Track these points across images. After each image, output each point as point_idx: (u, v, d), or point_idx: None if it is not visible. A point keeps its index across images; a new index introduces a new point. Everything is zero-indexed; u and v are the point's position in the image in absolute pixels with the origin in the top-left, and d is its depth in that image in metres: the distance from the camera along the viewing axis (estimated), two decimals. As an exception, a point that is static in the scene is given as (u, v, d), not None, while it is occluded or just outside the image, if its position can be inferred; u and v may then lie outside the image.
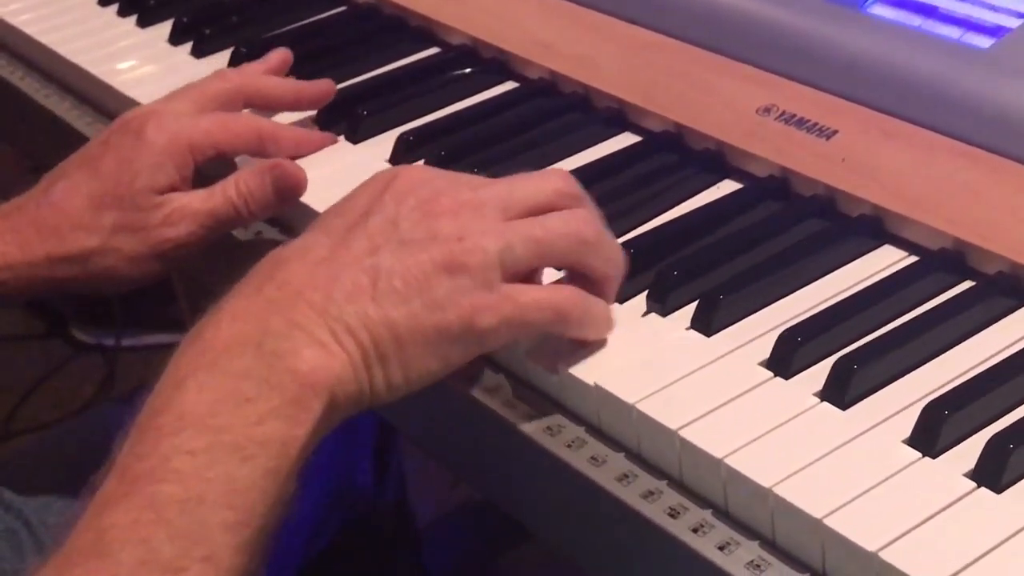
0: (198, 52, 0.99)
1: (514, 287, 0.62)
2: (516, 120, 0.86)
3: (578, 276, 0.66)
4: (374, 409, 0.62)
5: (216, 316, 0.60)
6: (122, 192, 0.76)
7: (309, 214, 0.80)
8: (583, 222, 0.64)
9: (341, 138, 0.87)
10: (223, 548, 0.55)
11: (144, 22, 1.03)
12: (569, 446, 0.65)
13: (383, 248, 0.61)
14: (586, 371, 0.65)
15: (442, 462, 0.77)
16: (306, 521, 1.00)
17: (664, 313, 0.68)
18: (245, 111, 0.83)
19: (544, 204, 0.65)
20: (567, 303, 0.63)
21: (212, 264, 0.90)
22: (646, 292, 0.69)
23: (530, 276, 0.65)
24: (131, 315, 1.91)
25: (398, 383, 0.61)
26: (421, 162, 0.82)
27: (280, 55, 0.89)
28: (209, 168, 0.80)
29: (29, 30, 1.03)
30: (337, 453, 1.03)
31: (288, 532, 0.60)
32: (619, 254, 0.66)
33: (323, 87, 0.87)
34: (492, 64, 0.91)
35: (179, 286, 1.48)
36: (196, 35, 0.99)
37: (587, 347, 0.66)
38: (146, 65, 0.98)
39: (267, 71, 0.88)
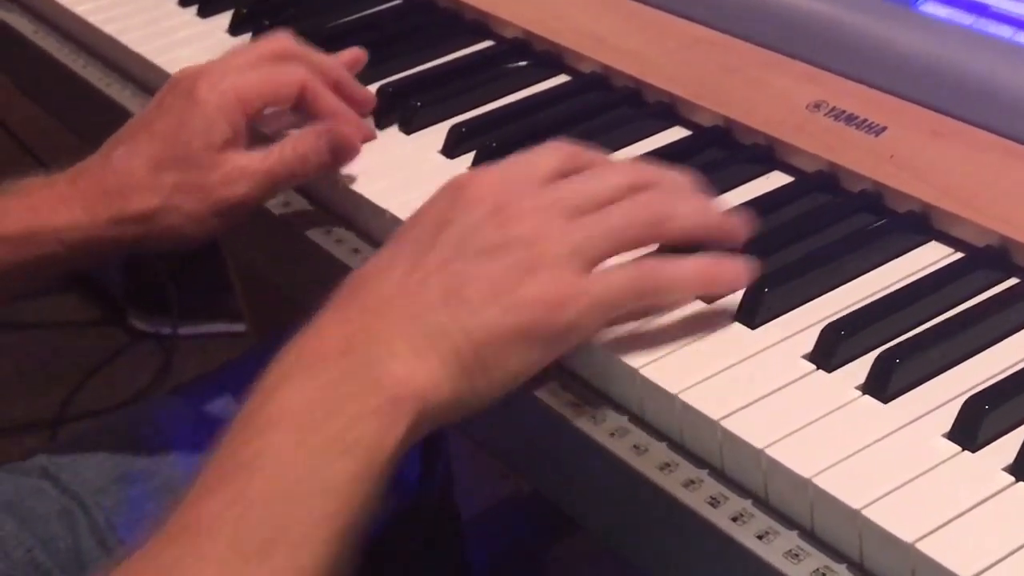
0: (257, 43, 1.00)
1: (588, 277, 0.64)
2: (567, 113, 0.86)
3: None
4: (464, 418, 0.64)
5: (315, 324, 0.63)
6: (180, 153, 0.79)
7: (363, 203, 0.81)
8: (648, 206, 0.66)
9: (394, 128, 0.88)
10: (310, 541, 0.57)
11: (204, 12, 1.05)
12: (612, 435, 0.65)
13: (461, 257, 0.64)
14: (631, 359, 0.66)
15: (487, 449, 0.78)
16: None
17: (709, 302, 0.69)
18: (292, 62, 0.85)
19: (613, 198, 0.66)
20: (644, 280, 0.65)
21: (266, 253, 0.92)
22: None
23: None
24: (188, 304, 1.93)
25: (484, 389, 0.63)
26: (472, 153, 0.83)
27: (352, 54, 0.90)
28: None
29: (91, 19, 1.05)
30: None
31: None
32: (699, 211, 0.68)
33: (366, 95, 0.88)
34: (545, 57, 0.92)
35: (235, 276, 1.50)
36: (255, 26, 1.01)
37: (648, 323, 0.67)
38: (205, 55, 0.98)
39: (346, 63, 0.89)
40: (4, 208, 0.80)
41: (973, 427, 0.59)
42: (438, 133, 0.86)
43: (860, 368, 0.64)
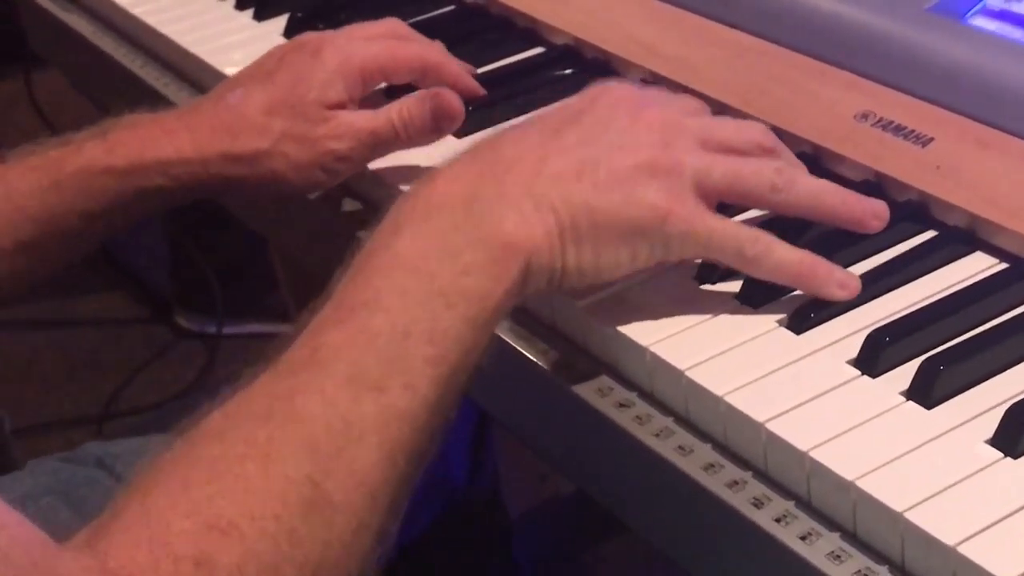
0: (310, 46, 1.01)
1: (705, 208, 0.67)
2: (617, 120, 0.87)
3: None
4: (563, 290, 0.67)
5: (432, 177, 0.67)
6: (294, 102, 0.82)
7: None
8: (776, 170, 0.69)
9: (446, 132, 0.89)
10: (422, 378, 0.61)
11: (260, 16, 1.07)
12: (657, 435, 0.67)
13: (593, 143, 0.67)
14: (677, 360, 0.67)
15: (533, 448, 0.79)
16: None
17: (755, 307, 0.70)
18: (415, 40, 0.88)
19: (742, 149, 0.70)
20: (749, 242, 0.67)
21: (317, 248, 0.94)
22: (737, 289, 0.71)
23: None
24: (233, 304, 1.95)
25: (587, 266, 0.66)
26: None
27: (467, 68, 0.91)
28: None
29: (149, 20, 1.07)
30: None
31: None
32: (817, 192, 0.69)
33: (477, 90, 0.89)
34: (594, 64, 0.94)
35: (282, 275, 1.51)
36: (310, 29, 1.01)
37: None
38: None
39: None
40: (113, 141, 0.83)
41: (1015, 433, 0.60)
42: (489, 137, 0.87)
43: (904, 374, 0.65)
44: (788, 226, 0.73)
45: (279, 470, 0.57)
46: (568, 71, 0.94)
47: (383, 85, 0.88)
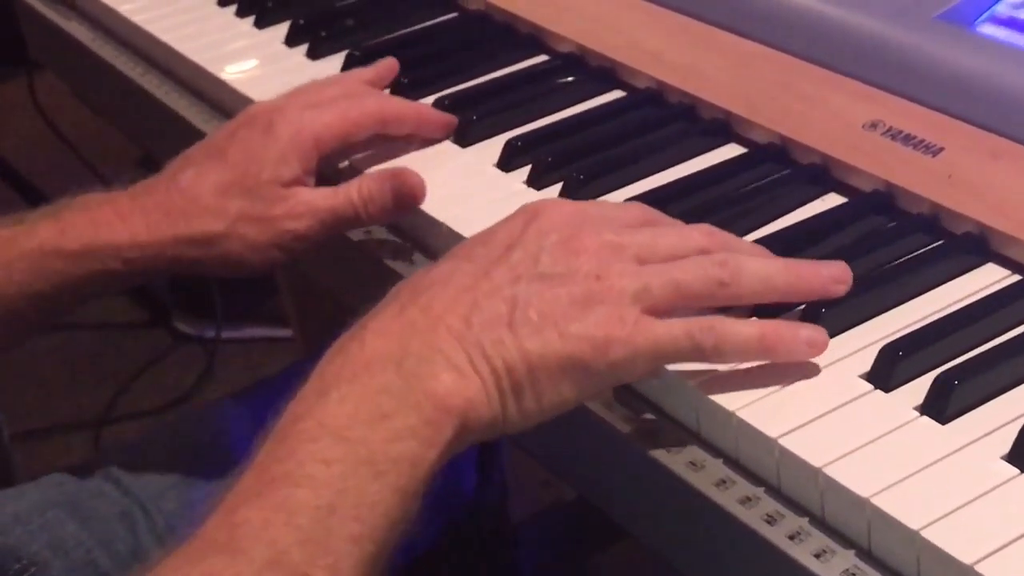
0: (313, 54, 1.01)
1: (648, 319, 0.63)
2: (622, 128, 0.87)
3: None
4: (507, 434, 0.64)
5: (360, 332, 0.63)
6: (249, 183, 0.80)
7: (419, 215, 0.82)
8: (719, 264, 0.65)
9: (449, 141, 0.89)
10: (347, 559, 0.57)
11: (261, 23, 1.06)
12: (669, 451, 0.66)
13: (523, 280, 0.63)
14: (688, 376, 0.66)
15: (543, 463, 0.78)
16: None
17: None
18: (366, 95, 0.86)
19: (685, 256, 0.66)
20: (703, 334, 0.64)
21: (318, 260, 0.93)
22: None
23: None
24: (232, 308, 1.94)
25: (532, 411, 0.63)
26: (528, 167, 0.84)
27: (388, 64, 0.92)
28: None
29: (150, 28, 1.06)
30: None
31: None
32: (767, 275, 0.66)
33: (446, 119, 0.89)
34: (599, 72, 0.93)
35: (282, 280, 1.51)
36: (312, 37, 1.01)
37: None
38: (262, 65, 1.01)
39: (376, 78, 0.90)
40: (66, 223, 0.81)
41: (1032, 450, 0.59)
42: (494, 146, 0.87)
43: (918, 389, 0.64)
44: (791, 242, 0.73)
45: None
46: (572, 78, 0.93)
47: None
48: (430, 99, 0.92)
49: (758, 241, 0.74)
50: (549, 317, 0.62)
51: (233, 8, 1.08)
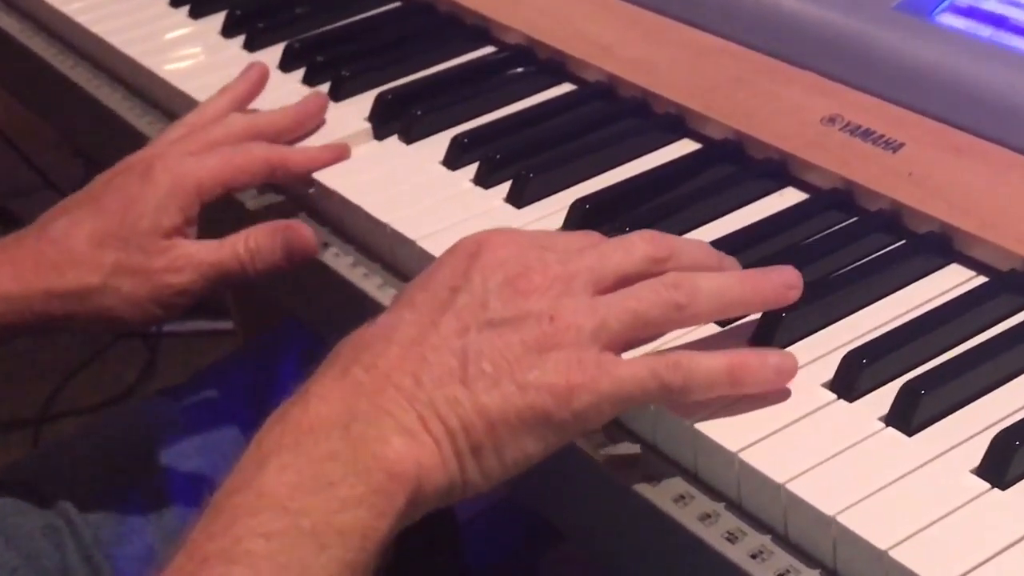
0: (250, 46, 0.97)
1: (610, 360, 0.59)
2: (573, 123, 0.84)
3: None
4: (468, 497, 0.59)
5: (303, 397, 0.58)
6: (126, 233, 0.76)
7: (361, 215, 0.79)
8: (673, 286, 0.61)
9: (394, 138, 0.86)
10: None
11: (196, 13, 1.02)
12: (625, 464, 0.63)
13: (472, 329, 0.59)
14: (644, 388, 0.63)
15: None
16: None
17: (723, 325, 0.66)
18: (251, 142, 0.82)
19: (635, 273, 0.62)
20: (669, 372, 0.60)
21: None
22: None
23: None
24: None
25: (494, 470, 0.58)
26: (475, 165, 0.81)
27: (259, 70, 0.88)
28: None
29: (80, 19, 1.03)
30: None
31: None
32: (724, 290, 0.63)
33: (316, 102, 0.86)
34: (549, 65, 0.90)
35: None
36: (249, 28, 0.98)
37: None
38: (197, 57, 0.98)
39: (249, 91, 0.87)
40: None
41: (1003, 463, 0.57)
42: (439, 143, 0.84)
43: (883, 398, 0.62)
44: (747, 242, 0.70)
45: None
46: (521, 72, 0.90)
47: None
48: (372, 92, 0.89)
49: (713, 242, 0.71)
50: (504, 368, 0.58)
51: (167, -2, 1.05)
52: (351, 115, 0.88)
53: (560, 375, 0.58)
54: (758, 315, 0.66)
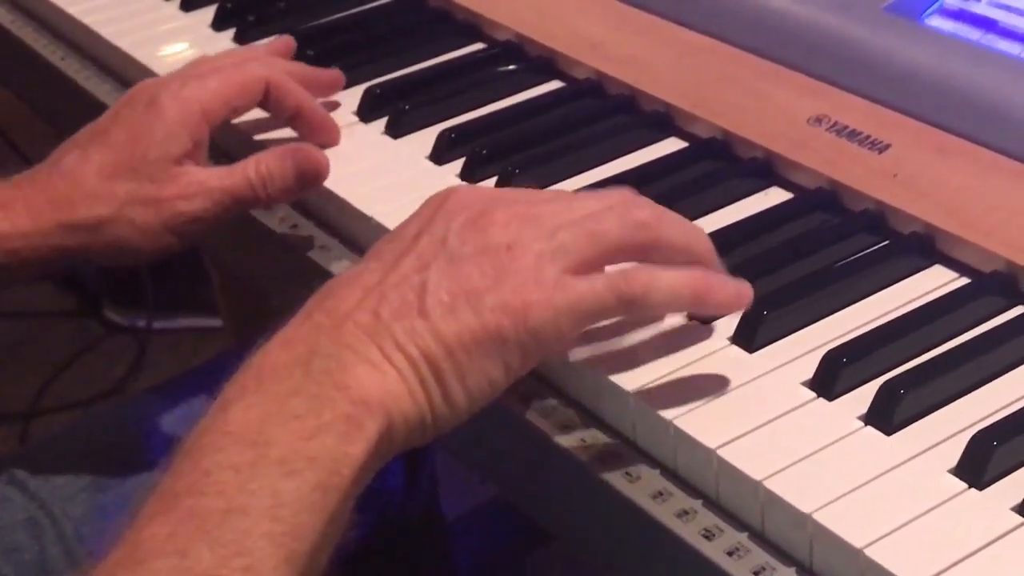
0: (240, 39, 0.97)
1: (567, 277, 0.60)
2: (561, 120, 0.84)
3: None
4: (441, 432, 0.60)
5: (265, 344, 0.59)
6: (136, 163, 0.76)
7: (347, 209, 0.79)
8: (637, 207, 0.62)
9: (381, 132, 0.85)
10: (267, 559, 0.53)
11: (188, 6, 1.02)
12: (603, 461, 0.63)
13: (431, 265, 0.60)
14: (623, 381, 0.63)
15: (475, 471, 0.75)
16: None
17: (706, 322, 0.66)
18: (252, 61, 0.82)
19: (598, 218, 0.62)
20: (628, 283, 0.60)
21: (246, 254, 0.89)
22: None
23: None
24: (163, 297, 1.90)
25: (459, 399, 0.59)
26: (461, 160, 0.81)
27: (285, 41, 0.88)
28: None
29: (71, 10, 1.02)
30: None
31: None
32: (690, 229, 0.63)
33: (331, 74, 0.86)
34: (538, 62, 0.90)
35: (213, 272, 1.47)
36: (239, 21, 0.98)
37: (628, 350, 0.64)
38: (188, 50, 0.97)
39: (269, 52, 0.87)
40: None
41: (981, 463, 0.57)
42: (426, 138, 0.84)
43: (862, 397, 0.61)
44: (731, 240, 0.70)
45: None
46: (510, 68, 0.90)
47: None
48: (361, 87, 0.88)
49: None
50: (460, 296, 0.59)
51: (158, -10, 1.05)
52: (339, 109, 0.88)
53: (515, 295, 0.59)
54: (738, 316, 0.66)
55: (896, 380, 0.61)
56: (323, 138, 0.83)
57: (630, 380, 0.63)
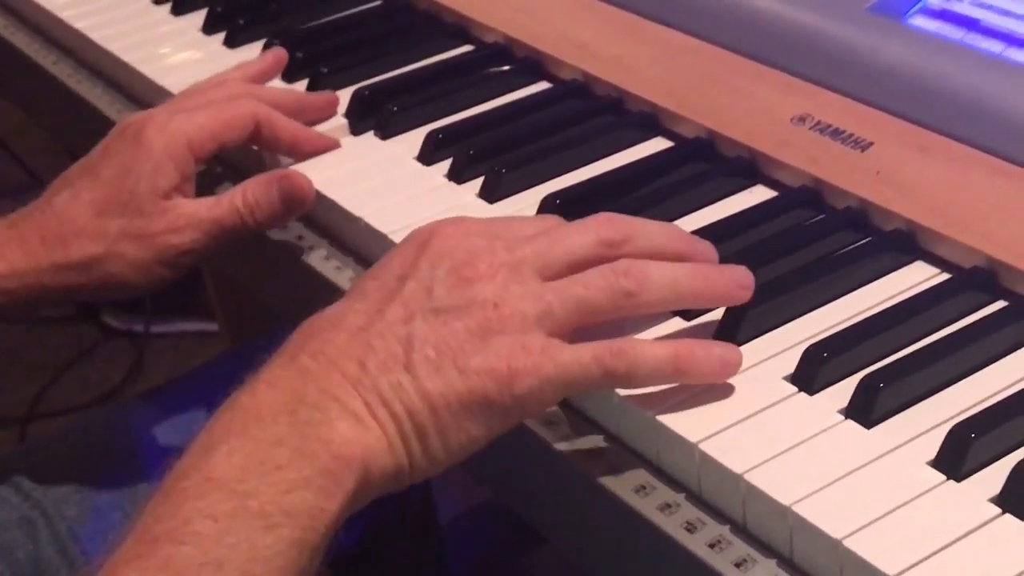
0: (231, 42, 0.98)
1: (554, 344, 0.60)
2: (548, 121, 0.85)
3: None
4: (416, 482, 0.60)
5: (251, 384, 0.59)
6: (125, 198, 0.76)
7: (336, 210, 0.80)
8: (624, 274, 0.61)
9: (370, 133, 0.86)
10: None
11: (178, 10, 1.03)
12: (588, 456, 0.64)
13: (417, 316, 0.60)
14: (607, 379, 0.64)
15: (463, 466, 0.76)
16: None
17: (689, 319, 0.67)
18: (241, 97, 0.82)
19: (586, 259, 0.62)
20: (613, 359, 0.60)
21: (242, 259, 0.90)
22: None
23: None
24: (161, 302, 1.91)
25: (438, 455, 0.59)
26: (449, 160, 0.81)
27: (276, 54, 0.89)
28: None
29: (63, 15, 1.03)
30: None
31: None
32: (673, 292, 0.62)
33: (327, 99, 0.87)
34: (525, 63, 0.91)
35: (208, 278, 1.48)
36: (229, 25, 0.99)
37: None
38: (178, 53, 0.98)
39: (260, 73, 0.88)
40: None
41: (959, 455, 0.57)
42: (415, 139, 0.84)
43: (843, 391, 0.62)
44: (715, 237, 0.71)
45: None
46: (497, 70, 0.91)
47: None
48: (350, 89, 0.89)
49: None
50: (447, 354, 0.59)
51: (150, -5, 1.05)
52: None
53: (502, 360, 0.59)
54: (722, 309, 0.66)
55: (876, 374, 0.61)
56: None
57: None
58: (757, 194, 0.77)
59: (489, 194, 0.78)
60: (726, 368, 0.62)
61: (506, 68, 0.91)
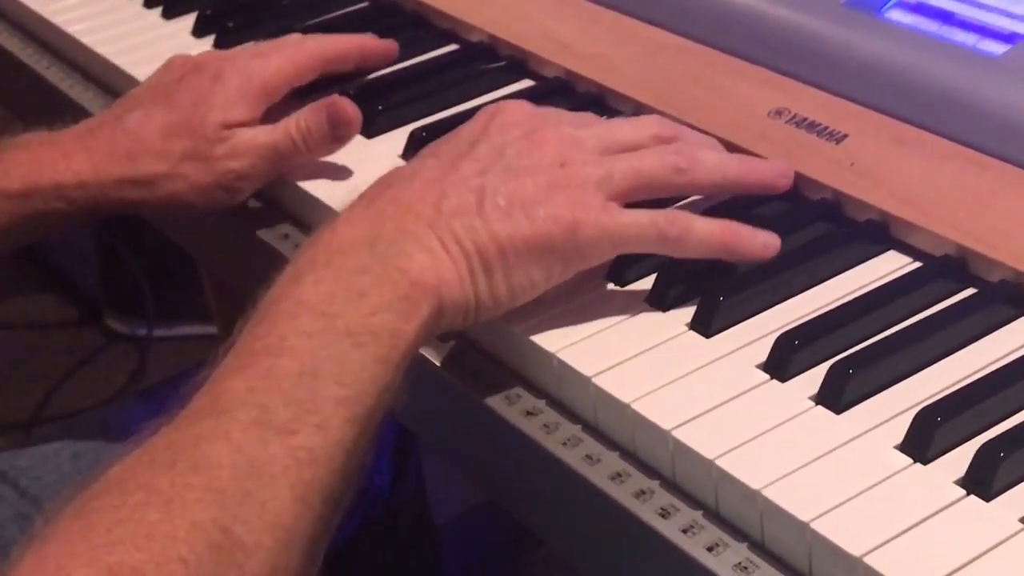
0: (220, 45, 0.99)
1: (614, 206, 0.66)
2: (530, 118, 0.85)
3: None
4: (480, 322, 0.66)
5: (332, 223, 0.65)
6: (194, 124, 0.80)
7: (320, 207, 0.81)
8: (676, 153, 0.69)
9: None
10: (334, 418, 0.59)
11: (169, 14, 1.04)
12: (564, 444, 0.65)
13: (489, 171, 0.66)
14: (584, 367, 0.65)
15: (445, 455, 0.77)
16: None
17: (664, 310, 0.68)
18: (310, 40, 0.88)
19: (642, 146, 0.70)
20: (668, 224, 0.66)
21: (238, 263, 0.91)
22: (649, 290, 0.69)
23: None
24: (164, 306, 1.92)
25: (501, 293, 0.65)
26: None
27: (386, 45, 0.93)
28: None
29: (55, 19, 1.04)
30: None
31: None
32: (718, 166, 0.70)
33: (387, 46, 0.92)
34: (509, 61, 0.92)
35: (206, 282, 1.49)
36: (219, 28, 1.00)
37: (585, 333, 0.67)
38: (167, 56, 0.99)
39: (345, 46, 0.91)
40: (8, 163, 0.81)
41: (925, 439, 0.58)
42: (400, 137, 0.85)
43: (814, 378, 0.63)
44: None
45: (183, 515, 0.54)
46: (482, 68, 0.92)
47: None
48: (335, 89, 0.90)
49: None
50: (517, 203, 0.65)
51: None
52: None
53: (567, 209, 0.65)
54: (698, 299, 0.67)
55: (845, 360, 0.63)
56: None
57: (590, 365, 0.65)
58: (734, 187, 0.77)
59: (472, 190, 0.79)
60: (767, 249, 0.68)
61: (490, 67, 0.92)
